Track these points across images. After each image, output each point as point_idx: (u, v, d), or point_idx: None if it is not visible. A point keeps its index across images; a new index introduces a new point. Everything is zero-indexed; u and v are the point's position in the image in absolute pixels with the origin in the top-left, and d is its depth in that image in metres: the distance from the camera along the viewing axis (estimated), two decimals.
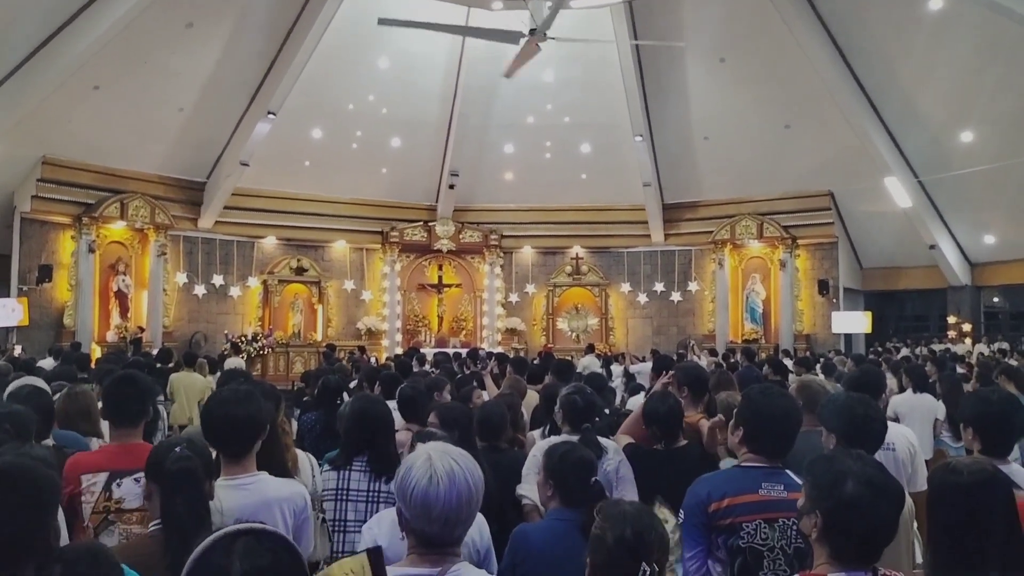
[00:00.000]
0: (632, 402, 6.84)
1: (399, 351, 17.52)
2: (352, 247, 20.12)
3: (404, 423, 4.46)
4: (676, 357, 11.08)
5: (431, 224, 20.22)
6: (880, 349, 16.51)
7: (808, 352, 15.46)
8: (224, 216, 18.27)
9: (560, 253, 21.20)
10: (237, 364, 12.99)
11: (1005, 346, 16.85)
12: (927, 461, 4.90)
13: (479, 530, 2.85)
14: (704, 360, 12.30)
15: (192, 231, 18.14)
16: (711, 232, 19.74)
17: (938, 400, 6.81)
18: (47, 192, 15.50)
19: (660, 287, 20.62)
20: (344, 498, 3.44)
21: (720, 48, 17.21)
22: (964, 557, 1.94)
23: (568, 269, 20.93)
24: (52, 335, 15.42)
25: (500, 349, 17.21)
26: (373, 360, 14.82)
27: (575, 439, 3.59)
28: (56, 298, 15.85)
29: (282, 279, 19.20)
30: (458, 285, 20.76)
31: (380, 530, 2.81)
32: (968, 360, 12.88)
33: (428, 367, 9.97)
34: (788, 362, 10.20)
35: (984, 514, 1.95)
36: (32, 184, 15.35)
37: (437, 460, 1.89)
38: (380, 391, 5.92)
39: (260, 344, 18.00)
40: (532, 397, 6.06)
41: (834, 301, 19.08)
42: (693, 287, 20.43)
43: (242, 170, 17.24)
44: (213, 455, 2.66)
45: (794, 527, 2.60)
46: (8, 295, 15.20)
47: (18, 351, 13.34)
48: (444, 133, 19.00)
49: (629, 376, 11.54)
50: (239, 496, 2.69)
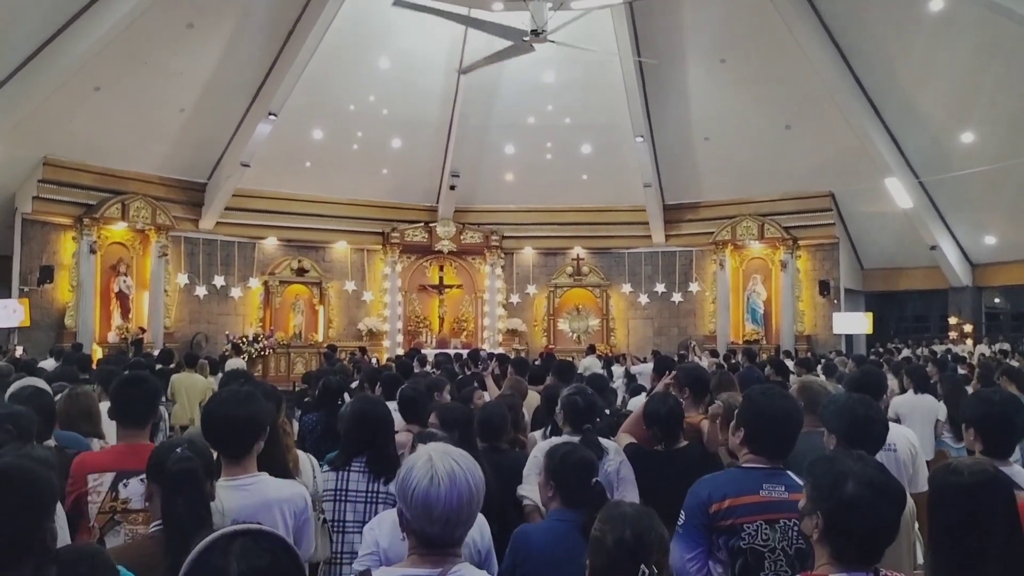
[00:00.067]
0: (633, 403, 6.82)
1: (400, 352, 17.50)
2: (353, 248, 20.13)
3: (405, 424, 4.46)
4: (677, 358, 11.07)
5: (432, 225, 20.23)
6: (881, 350, 16.51)
7: (809, 353, 15.44)
8: (225, 217, 18.28)
9: (561, 254, 21.20)
10: (238, 365, 12.98)
11: (1006, 347, 16.84)
12: (928, 462, 4.89)
13: (480, 531, 2.85)
14: (705, 361, 12.29)
15: (193, 232, 18.15)
16: (712, 233, 19.73)
17: (939, 401, 6.81)
18: (48, 193, 15.51)
19: (661, 288, 20.62)
20: (343, 499, 3.44)
21: (720, 49, 17.21)
22: (965, 558, 1.93)
23: (569, 270, 20.93)
24: (53, 336, 15.42)
25: (501, 350, 17.20)
26: (374, 361, 14.82)
27: (576, 440, 3.59)
28: (57, 299, 15.85)
29: (283, 280, 19.22)
30: (459, 286, 20.76)
31: (381, 531, 2.81)
32: (969, 361, 12.88)
33: (429, 368, 9.96)
34: (789, 363, 10.19)
35: (985, 515, 1.95)
36: (33, 185, 15.36)
37: (438, 461, 1.89)
38: (381, 392, 5.92)
39: (261, 345, 18.02)
40: (533, 398, 6.05)
41: (835, 302, 19.08)
42: (694, 288, 20.43)
43: (243, 171, 17.26)
44: (214, 456, 2.66)
45: (795, 528, 2.60)
46: (9, 296, 15.20)
47: (19, 352, 13.34)
48: (445, 134, 18.99)
49: (630, 377, 11.54)
50: (239, 497, 2.69)
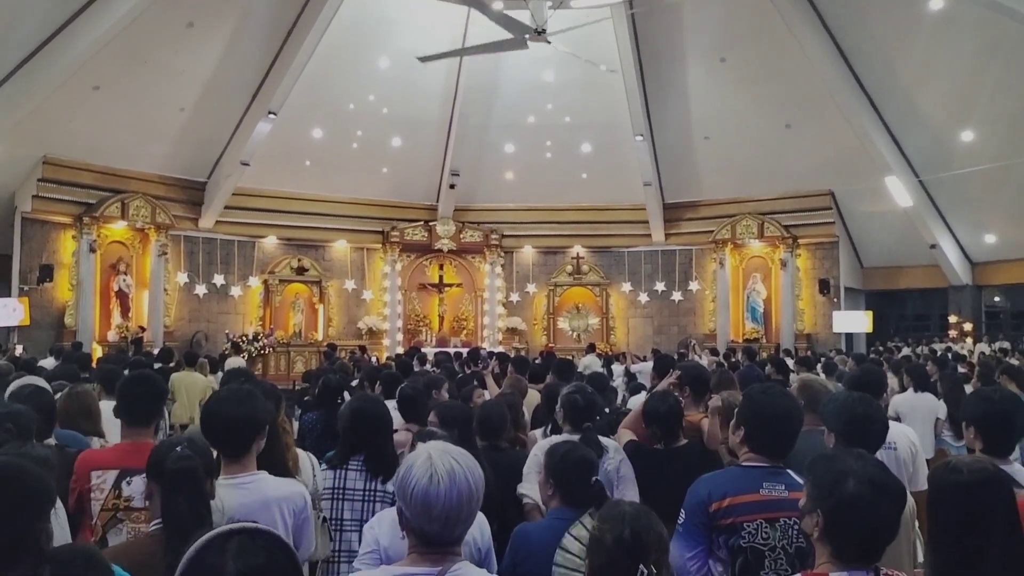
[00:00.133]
0: (633, 401, 6.83)
1: (400, 351, 17.51)
2: (353, 247, 20.12)
3: (404, 423, 4.46)
4: (677, 356, 11.07)
5: (432, 224, 20.22)
6: (881, 348, 16.51)
7: (809, 352, 15.44)
8: (225, 216, 18.28)
9: (561, 253, 21.20)
10: (238, 364, 12.97)
11: (1006, 345, 16.84)
12: (928, 460, 4.89)
13: (480, 529, 2.85)
14: (705, 359, 12.31)
15: (193, 231, 18.15)
16: (712, 232, 19.73)
17: (939, 399, 6.80)
18: (48, 192, 15.52)
19: (661, 287, 20.61)
20: (340, 497, 3.45)
21: (720, 48, 17.20)
22: (965, 556, 1.93)
23: (569, 269, 20.93)
24: (53, 335, 15.43)
25: (501, 349, 17.20)
26: (374, 360, 14.82)
27: (576, 438, 3.59)
28: (57, 298, 15.86)
29: (283, 279, 19.22)
30: (459, 285, 20.76)
31: (381, 529, 2.81)
32: (969, 360, 12.87)
33: (429, 367, 9.96)
34: (789, 361, 10.19)
35: (985, 513, 1.94)
36: (33, 184, 15.37)
37: (437, 459, 1.88)
38: (381, 391, 5.92)
39: (261, 344, 18.01)
40: (533, 396, 6.05)
41: (835, 300, 19.08)
42: (694, 286, 20.43)
43: (243, 170, 17.25)
44: (214, 455, 2.66)
45: (795, 527, 2.60)
46: (9, 295, 15.21)
47: (19, 351, 13.35)
48: (445, 133, 18.99)
49: (630, 375, 11.54)
50: (238, 495, 2.69)
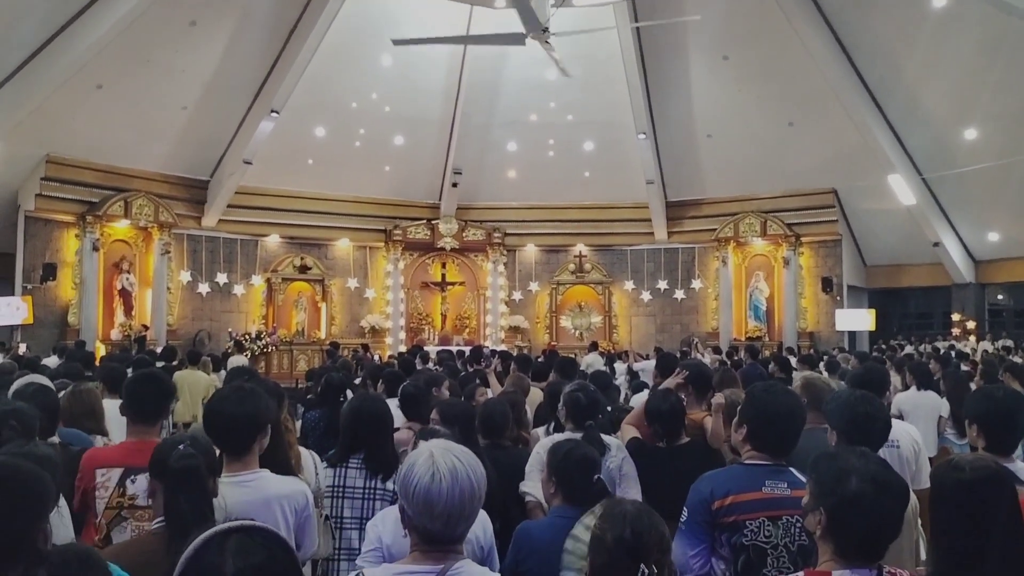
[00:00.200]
0: (636, 400, 6.82)
1: (403, 349, 17.51)
2: (355, 245, 20.13)
3: (406, 421, 4.46)
4: (680, 355, 11.06)
5: (434, 222, 20.22)
6: (884, 347, 16.49)
7: (812, 350, 15.42)
8: (228, 214, 18.29)
9: (563, 251, 21.19)
10: (241, 362, 12.97)
11: (1009, 343, 16.82)
12: (931, 458, 4.88)
13: (483, 527, 2.86)
14: (708, 358, 12.29)
15: (196, 229, 18.17)
16: (714, 230, 19.72)
17: (942, 397, 6.79)
18: (51, 191, 15.54)
19: (663, 285, 20.60)
20: (340, 495, 3.46)
21: (723, 46, 17.17)
22: (967, 554, 1.92)
23: (571, 267, 20.92)
24: (56, 333, 15.47)
25: (503, 347, 17.21)
26: (376, 358, 14.82)
27: (579, 436, 3.59)
28: (60, 296, 15.88)
29: (286, 277, 19.25)
30: (461, 283, 20.77)
31: (384, 528, 2.81)
32: (972, 358, 12.85)
33: (432, 365, 9.97)
34: (792, 360, 10.19)
35: (987, 511, 1.94)
36: (36, 183, 15.39)
37: (439, 457, 1.88)
38: (383, 389, 5.93)
39: (264, 342, 18.05)
40: (535, 394, 6.06)
41: (838, 299, 19.05)
42: (696, 285, 20.42)
43: (245, 168, 17.27)
44: (217, 453, 2.66)
45: (798, 524, 2.60)
46: (13, 293, 15.24)
47: (23, 349, 13.38)
48: (447, 131, 18.99)
49: (633, 374, 11.50)
50: (239, 493, 2.69)
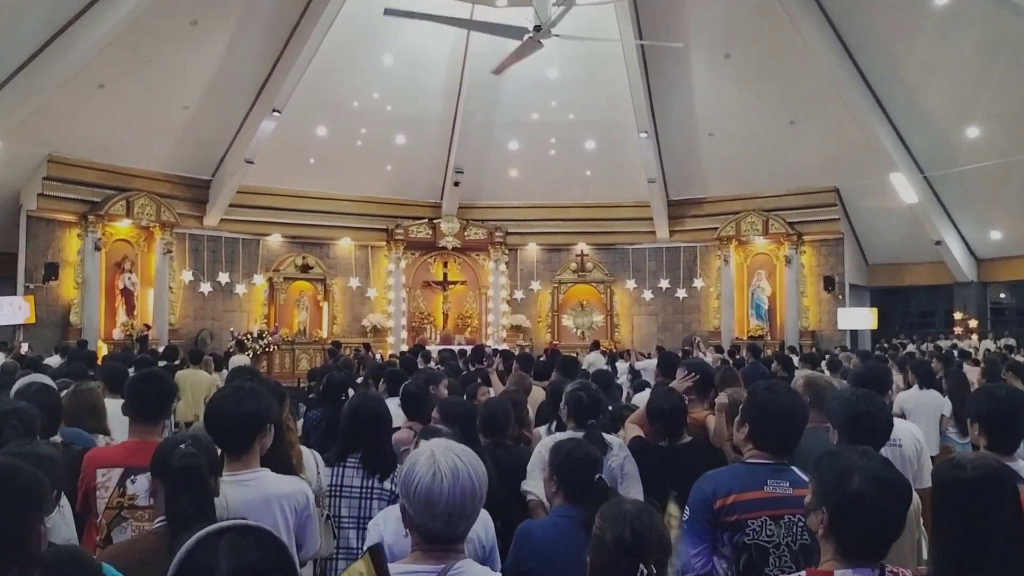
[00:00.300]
0: (637, 399, 6.82)
1: (404, 348, 17.51)
2: (357, 244, 20.13)
3: (406, 421, 4.45)
4: (681, 354, 11.04)
5: (436, 221, 20.22)
6: (886, 345, 16.47)
7: (814, 349, 15.42)
8: (229, 214, 18.30)
9: (565, 250, 21.18)
10: (243, 361, 12.98)
11: (1012, 342, 16.80)
12: (933, 457, 4.87)
13: (484, 527, 2.85)
14: (710, 357, 12.29)
15: (198, 229, 18.18)
16: (716, 228, 19.71)
17: (944, 396, 6.78)
18: (53, 190, 15.55)
19: (665, 284, 20.59)
20: (338, 494, 3.46)
21: (725, 44, 17.16)
22: (968, 552, 1.92)
23: (573, 266, 20.91)
24: (58, 333, 15.49)
25: (505, 346, 17.21)
26: (378, 357, 14.82)
27: (580, 435, 3.59)
28: (62, 296, 15.89)
29: (287, 276, 19.27)
30: (463, 282, 20.77)
31: (386, 527, 2.81)
32: (975, 356, 12.83)
33: (433, 364, 9.98)
34: (794, 359, 10.18)
35: (988, 509, 1.93)
36: (38, 182, 15.41)
37: (441, 456, 1.88)
38: (384, 388, 5.92)
39: (266, 341, 18.06)
40: (537, 393, 6.06)
41: (840, 297, 19.04)
42: (698, 284, 20.41)
43: (247, 168, 17.27)
44: (219, 452, 2.66)
45: (800, 524, 2.60)
46: (15, 293, 15.26)
47: (25, 349, 13.39)
48: (449, 130, 18.99)
49: (634, 373, 11.50)
50: (239, 492, 2.68)
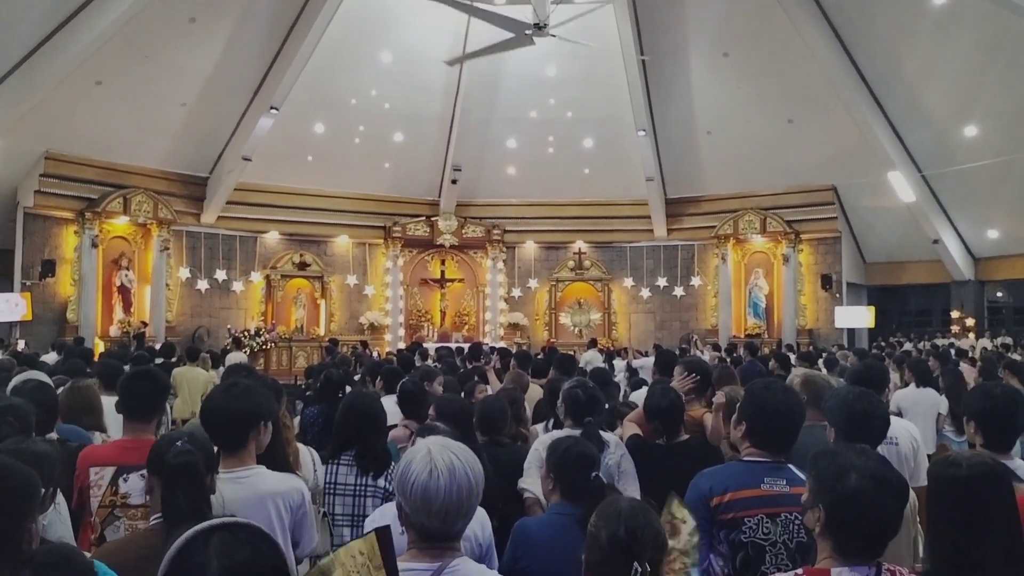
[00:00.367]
0: (635, 396, 6.82)
1: (402, 346, 17.50)
2: (355, 242, 20.12)
3: (403, 418, 4.45)
4: (679, 352, 11.06)
5: (434, 219, 20.21)
6: (883, 344, 16.49)
7: (811, 347, 15.44)
8: (227, 211, 18.28)
9: (563, 248, 21.17)
10: (240, 359, 12.97)
11: (1008, 341, 16.82)
12: (930, 456, 4.88)
13: (481, 525, 2.85)
14: (707, 355, 12.28)
15: (195, 226, 18.16)
16: (714, 227, 19.71)
17: (941, 394, 6.80)
18: (50, 187, 15.52)
19: (663, 282, 20.59)
20: (332, 492, 3.47)
21: (723, 43, 17.15)
22: (964, 550, 1.92)
23: (571, 264, 20.91)
24: (55, 330, 15.45)
25: (503, 344, 17.21)
26: (375, 355, 14.81)
27: (578, 433, 3.59)
28: (59, 293, 15.87)
29: (285, 274, 19.25)
30: (460, 280, 20.76)
31: (382, 524, 2.80)
32: (972, 355, 12.85)
33: (431, 362, 9.97)
34: (791, 357, 10.19)
35: (984, 507, 1.93)
36: (35, 179, 15.38)
37: (437, 454, 1.88)
38: (381, 385, 5.92)
39: (263, 339, 18.04)
40: (535, 391, 6.07)
41: (837, 296, 19.06)
42: (696, 282, 20.41)
43: (244, 165, 17.25)
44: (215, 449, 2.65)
45: (797, 522, 2.60)
46: (11, 290, 15.22)
47: (21, 346, 13.38)
48: (447, 128, 18.97)
49: (632, 371, 11.50)
50: (234, 489, 2.68)
